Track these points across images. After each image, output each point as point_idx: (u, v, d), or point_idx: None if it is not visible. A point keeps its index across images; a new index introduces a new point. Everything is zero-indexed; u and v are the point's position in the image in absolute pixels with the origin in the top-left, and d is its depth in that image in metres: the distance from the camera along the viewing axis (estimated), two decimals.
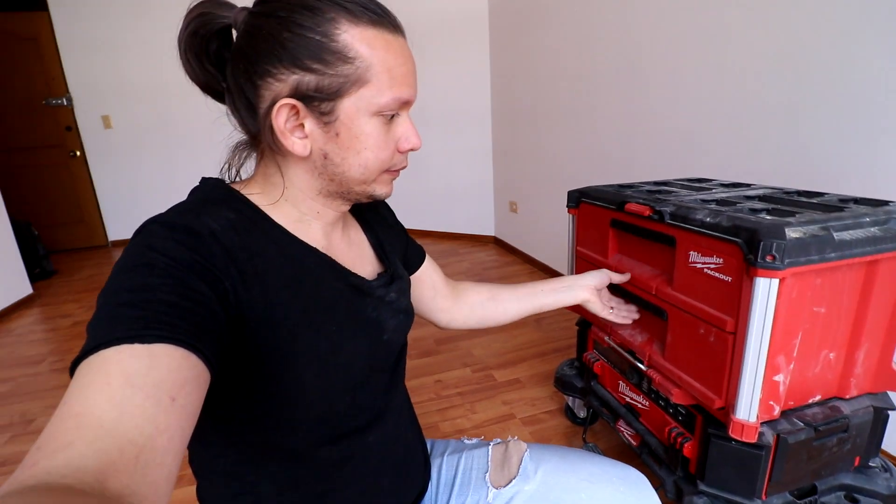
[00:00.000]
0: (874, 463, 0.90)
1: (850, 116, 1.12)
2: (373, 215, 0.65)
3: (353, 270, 0.54)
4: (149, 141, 3.59)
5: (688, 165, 1.62)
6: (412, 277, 0.72)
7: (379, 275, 0.59)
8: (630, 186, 1.10)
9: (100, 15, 3.29)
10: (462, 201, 3.48)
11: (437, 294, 0.76)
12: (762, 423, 0.76)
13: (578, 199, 1.14)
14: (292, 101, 0.44)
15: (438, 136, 3.38)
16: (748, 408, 0.69)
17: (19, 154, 3.44)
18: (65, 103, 3.37)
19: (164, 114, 3.52)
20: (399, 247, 0.68)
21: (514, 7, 2.69)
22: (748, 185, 1.05)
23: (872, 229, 0.69)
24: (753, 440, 0.70)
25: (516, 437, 0.70)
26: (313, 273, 0.49)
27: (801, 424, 0.76)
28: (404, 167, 0.53)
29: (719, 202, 0.84)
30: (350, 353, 0.51)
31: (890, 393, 0.85)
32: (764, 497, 0.80)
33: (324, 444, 0.51)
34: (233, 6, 0.46)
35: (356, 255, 0.58)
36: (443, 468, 0.68)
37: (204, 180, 0.51)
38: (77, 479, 0.26)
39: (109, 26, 3.33)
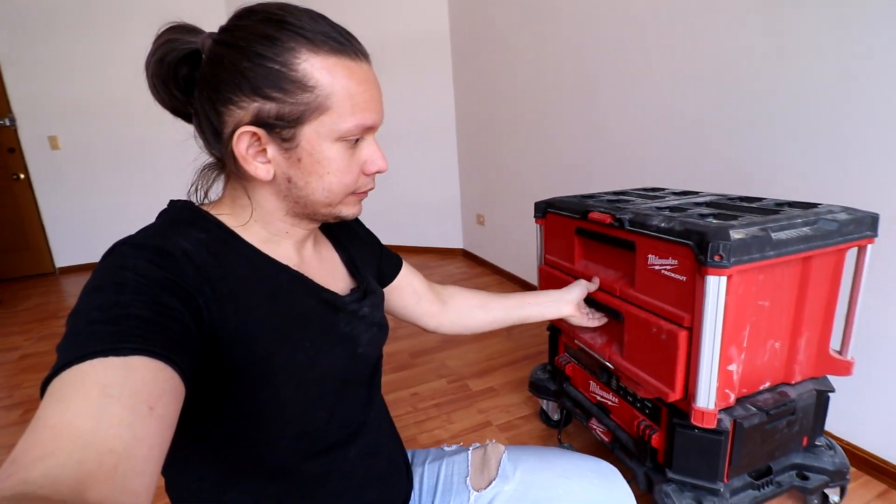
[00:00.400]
0: (820, 442, 0.98)
1: (782, 127, 1.24)
2: (344, 232, 0.66)
3: (325, 286, 0.54)
4: (100, 162, 3.43)
5: (642, 175, 1.73)
6: (392, 286, 0.73)
7: (352, 290, 0.60)
8: (592, 196, 1.17)
9: (43, 29, 3.14)
10: (430, 215, 3.53)
11: (420, 299, 0.77)
12: (720, 411, 0.82)
13: (545, 210, 1.20)
14: (253, 128, 0.45)
15: (406, 152, 3.43)
16: (707, 396, 0.75)
17: None
18: (7, 123, 3.18)
19: (115, 134, 3.37)
20: (372, 260, 0.70)
21: (473, 28, 2.80)
22: (696, 193, 1.14)
23: (804, 229, 0.77)
24: (713, 426, 0.76)
25: (494, 441, 0.72)
26: (286, 290, 0.50)
27: (754, 410, 0.83)
28: (371, 189, 0.54)
29: (672, 209, 0.91)
30: (326, 367, 0.51)
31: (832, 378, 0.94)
32: (726, 480, 0.86)
33: (304, 459, 0.51)
34: (200, 32, 0.47)
35: (328, 271, 0.59)
36: (425, 476, 0.69)
37: (172, 203, 0.51)
38: (54, 490, 0.25)
39: (54, 42, 3.18)
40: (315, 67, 0.43)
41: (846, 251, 0.83)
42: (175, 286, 0.39)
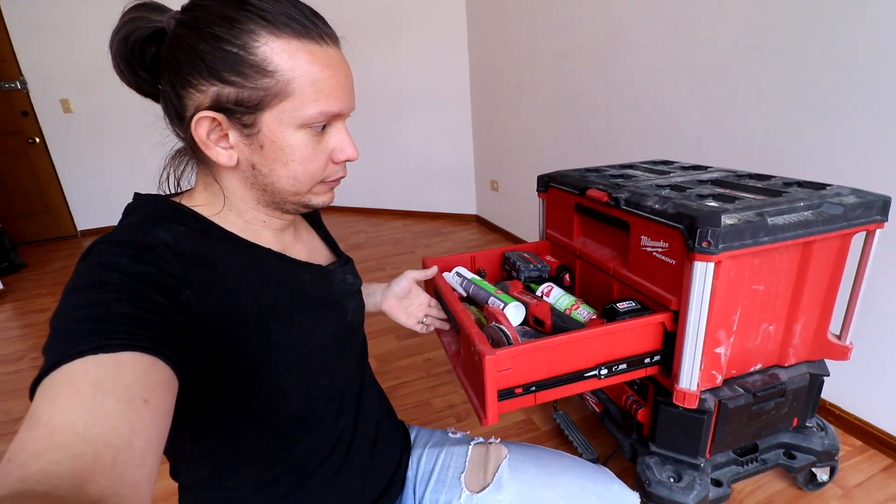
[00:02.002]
0: (811, 423, 0.99)
1: (813, 102, 1.16)
2: (313, 214, 0.68)
3: (311, 262, 0.56)
4: (113, 125, 3.45)
5: (662, 144, 1.66)
6: None
7: (333, 262, 0.62)
8: (596, 170, 1.14)
9: None
10: (443, 181, 3.49)
11: None
12: (707, 390, 0.83)
13: (547, 184, 1.17)
14: (212, 113, 0.43)
15: (418, 116, 3.35)
16: (689, 378, 0.75)
17: None
18: (18, 87, 3.21)
19: (127, 97, 3.34)
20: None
21: None
22: (706, 168, 1.10)
23: (806, 213, 0.74)
24: (694, 406, 0.77)
25: (499, 440, 0.70)
26: (274, 268, 0.50)
27: (741, 391, 0.84)
28: (342, 177, 0.52)
29: (673, 187, 0.88)
30: (319, 337, 0.53)
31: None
32: (708, 455, 0.88)
33: (301, 432, 0.53)
34: (166, 10, 0.45)
35: (310, 250, 0.60)
36: (422, 460, 0.70)
37: (138, 196, 0.49)
38: (53, 486, 0.25)
39: (62, 4, 3.14)
40: (275, 51, 0.42)
41: (852, 236, 0.80)
42: (159, 281, 0.39)
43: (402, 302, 0.81)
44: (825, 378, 0.92)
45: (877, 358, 1.13)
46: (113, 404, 0.30)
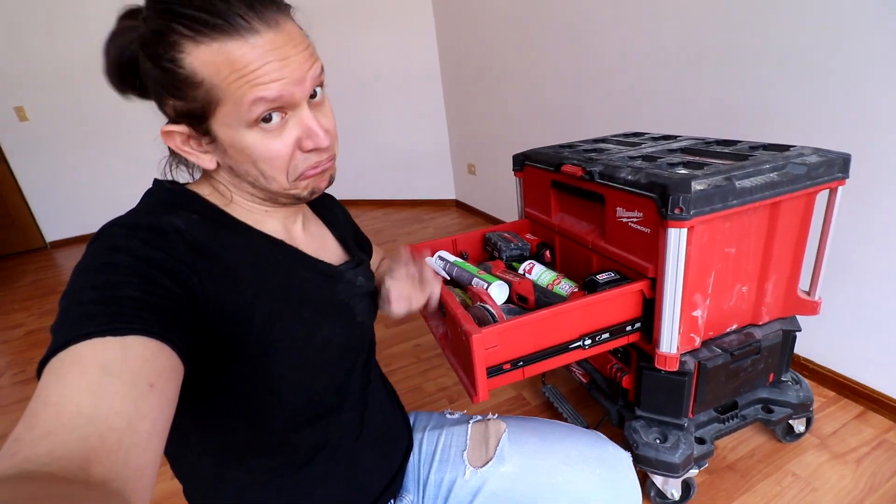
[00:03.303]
0: (786, 378, 1.03)
1: (774, 66, 1.19)
2: (327, 212, 0.66)
3: (318, 258, 0.55)
4: (73, 130, 3.30)
5: (634, 118, 1.68)
6: None
7: (345, 262, 0.60)
8: (570, 147, 1.15)
9: None
10: (421, 168, 3.47)
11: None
12: (686, 353, 0.86)
13: (523, 163, 1.18)
14: (175, 126, 0.44)
15: (390, 103, 3.31)
16: (669, 342, 0.78)
17: None
18: None
19: (84, 99, 3.22)
20: (359, 237, 0.71)
21: None
22: (675, 138, 1.12)
23: (772, 175, 0.77)
24: (675, 369, 0.80)
25: (496, 416, 0.71)
26: (282, 264, 0.50)
27: (719, 351, 0.87)
28: (322, 166, 0.49)
29: (644, 157, 0.90)
30: (326, 336, 0.52)
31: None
32: (691, 415, 0.91)
33: (304, 427, 0.53)
34: (136, 28, 0.43)
35: (319, 245, 0.59)
36: (424, 443, 0.70)
37: (157, 183, 0.50)
38: (59, 468, 0.25)
39: (7, 6, 2.97)
40: (199, 60, 0.40)
41: (816, 194, 0.83)
42: (168, 266, 0.39)
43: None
44: (797, 333, 0.96)
45: (845, 311, 1.18)
46: (119, 388, 0.30)
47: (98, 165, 3.41)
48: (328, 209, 0.67)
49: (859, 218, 1.09)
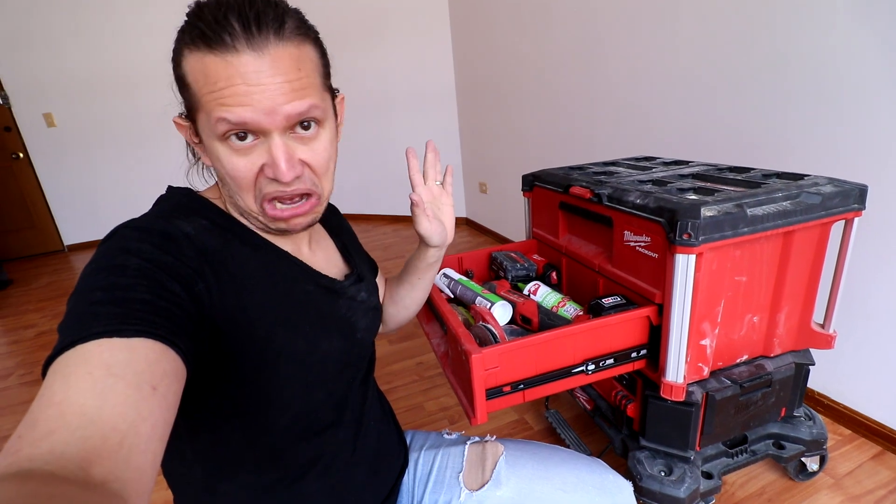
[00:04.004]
0: (799, 413, 1.00)
1: (790, 96, 1.18)
2: (335, 223, 0.67)
3: (323, 273, 0.55)
4: (98, 138, 3.41)
5: (648, 142, 1.68)
6: None
7: (346, 276, 0.60)
8: (580, 168, 1.15)
9: (29, 4, 3.07)
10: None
11: (386, 305, 0.75)
12: (694, 383, 0.83)
13: (532, 183, 1.18)
14: (181, 120, 0.47)
15: (405, 119, 3.36)
16: (675, 370, 0.76)
17: None
18: (1, 102, 3.17)
19: (109, 109, 3.33)
20: (362, 253, 0.70)
21: None
22: (687, 163, 1.11)
23: (785, 203, 0.75)
24: (681, 399, 0.77)
25: (494, 437, 0.70)
26: (286, 276, 0.51)
27: (728, 382, 0.84)
28: (287, 195, 0.46)
29: (654, 182, 0.89)
30: (325, 351, 0.52)
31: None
32: (698, 448, 0.88)
33: (298, 442, 0.53)
34: None
35: (323, 258, 0.60)
36: (419, 463, 0.69)
37: (171, 189, 0.51)
38: (60, 467, 0.26)
39: (42, 17, 3.11)
40: (189, 65, 0.42)
41: (831, 225, 0.81)
42: (177, 270, 0.40)
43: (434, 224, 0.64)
44: (811, 367, 0.93)
45: (862, 346, 1.14)
46: (123, 389, 0.30)
47: (118, 172, 3.51)
48: (334, 215, 0.68)
49: (877, 250, 1.07)
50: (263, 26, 0.40)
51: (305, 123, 0.45)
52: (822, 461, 1.06)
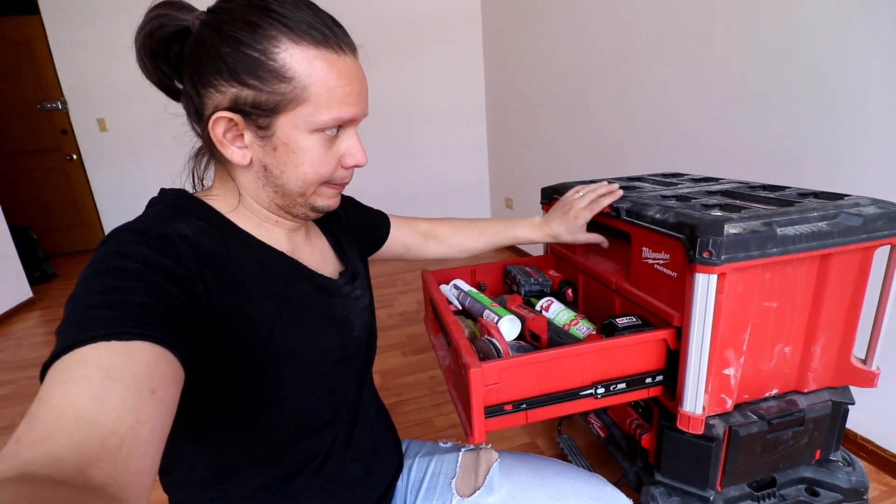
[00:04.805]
0: (836, 457, 0.90)
1: (833, 114, 1.11)
2: (330, 216, 0.67)
3: (318, 272, 0.55)
4: (144, 143, 3.60)
5: (677, 158, 1.62)
6: (384, 246, 0.80)
7: (341, 273, 0.61)
8: None
9: (90, 16, 3.29)
10: (458, 197, 3.50)
11: (409, 250, 0.84)
12: (715, 416, 0.77)
13: (551, 196, 1.14)
14: (229, 114, 0.45)
15: (434, 130, 3.40)
16: (694, 400, 0.70)
17: (16, 159, 3.49)
18: (59, 107, 3.41)
19: (158, 115, 3.50)
20: (358, 241, 0.70)
21: (506, 1, 2.69)
22: (717, 180, 1.05)
23: (820, 224, 0.69)
24: (700, 432, 0.71)
25: (489, 446, 0.69)
26: (282, 276, 0.51)
27: (755, 417, 0.77)
28: (347, 182, 0.54)
29: (678, 197, 0.85)
30: (323, 349, 0.52)
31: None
32: (719, 488, 0.81)
33: (297, 440, 0.53)
34: (192, 9, 0.47)
35: (319, 256, 0.60)
36: (413, 469, 0.69)
37: (164, 191, 0.52)
38: (58, 470, 0.26)
39: (100, 27, 3.33)
40: (294, 58, 0.43)
41: (874, 250, 0.74)
42: (174, 272, 0.40)
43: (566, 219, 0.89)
44: (850, 407, 0.84)
45: None
46: (121, 393, 0.30)
47: (162, 175, 3.66)
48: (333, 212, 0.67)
49: None
50: (347, 35, 0.46)
51: None
52: None
